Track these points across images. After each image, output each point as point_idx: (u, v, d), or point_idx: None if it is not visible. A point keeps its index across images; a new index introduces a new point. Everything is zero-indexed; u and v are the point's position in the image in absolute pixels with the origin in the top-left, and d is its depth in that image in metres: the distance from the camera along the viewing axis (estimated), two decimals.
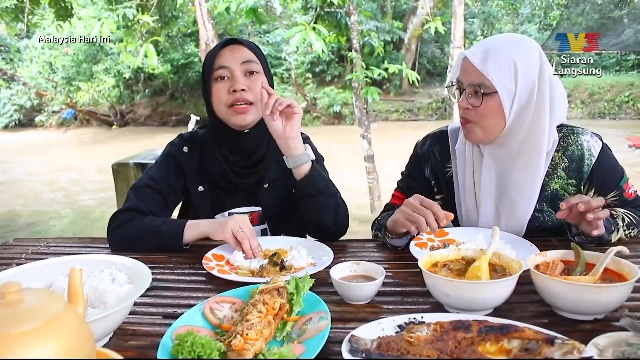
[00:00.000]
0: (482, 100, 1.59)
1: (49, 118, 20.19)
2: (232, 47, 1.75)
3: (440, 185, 1.83)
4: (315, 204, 1.67)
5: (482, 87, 1.58)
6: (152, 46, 7.23)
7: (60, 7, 10.26)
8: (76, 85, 18.24)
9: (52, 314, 0.74)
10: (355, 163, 8.77)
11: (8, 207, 8.44)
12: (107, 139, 17.39)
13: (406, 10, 19.84)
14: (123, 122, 20.52)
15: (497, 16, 20.69)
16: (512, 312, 1.18)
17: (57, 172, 11.82)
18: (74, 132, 19.64)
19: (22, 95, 19.65)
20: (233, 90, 1.70)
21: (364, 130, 8.29)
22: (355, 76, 8.07)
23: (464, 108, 1.64)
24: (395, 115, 19.00)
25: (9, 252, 1.75)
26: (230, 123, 1.75)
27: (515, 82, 1.58)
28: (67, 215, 7.05)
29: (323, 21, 8.15)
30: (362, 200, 7.16)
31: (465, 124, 1.67)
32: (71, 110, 19.94)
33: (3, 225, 6.59)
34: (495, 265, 1.25)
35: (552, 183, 1.69)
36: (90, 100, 18.87)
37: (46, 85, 18.74)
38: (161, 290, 1.38)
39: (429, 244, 1.58)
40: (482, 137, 1.66)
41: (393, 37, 18.32)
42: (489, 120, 1.62)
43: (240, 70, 1.72)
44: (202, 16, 8.27)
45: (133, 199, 1.75)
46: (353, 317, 1.19)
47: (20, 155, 14.84)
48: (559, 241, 1.59)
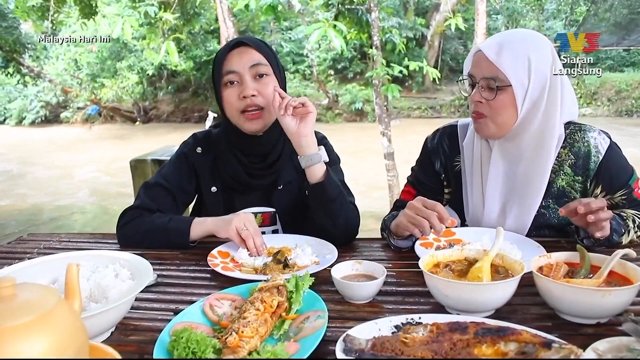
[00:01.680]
0: (495, 94, 1.58)
1: (74, 114, 20.51)
2: (240, 50, 1.71)
3: (449, 179, 1.83)
4: (326, 211, 1.64)
5: (496, 80, 1.57)
6: (174, 43, 7.31)
7: (85, 5, 10.43)
8: (100, 82, 18.50)
9: (45, 309, 0.75)
10: (376, 160, 8.73)
11: (33, 202, 8.61)
12: (131, 135, 17.59)
13: (429, 6, 19.69)
14: (146, 118, 20.74)
15: (522, 12, 20.39)
16: (514, 314, 1.17)
17: (81, 167, 12.01)
18: (98, 128, 19.91)
19: (48, 92, 20.01)
20: (243, 96, 1.68)
21: (384, 128, 8.25)
22: (375, 73, 8.04)
23: (476, 102, 1.63)
24: (417, 112, 18.87)
25: (23, 246, 1.79)
26: (242, 129, 1.73)
27: (529, 76, 1.57)
28: (89, 210, 7.17)
29: (344, 18, 8.13)
30: (382, 198, 7.13)
31: (478, 118, 1.65)
32: (95, 107, 20.24)
33: (27, 220, 6.75)
34: (498, 266, 1.24)
35: (559, 180, 1.67)
36: (114, 97, 19.12)
37: (71, 82, 19.05)
38: (165, 287, 1.39)
39: (435, 244, 1.57)
40: (493, 132, 1.65)
41: (416, 34, 18.19)
42: (502, 114, 1.61)
43: (250, 75, 1.68)
44: (222, 13, 8.31)
45: (143, 197, 1.77)
46: (352, 316, 1.19)
47: (46, 150, 15.11)
48: (569, 242, 1.57)
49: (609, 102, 17.27)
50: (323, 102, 19.29)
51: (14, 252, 1.73)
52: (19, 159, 13.73)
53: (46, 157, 13.70)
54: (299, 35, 19.14)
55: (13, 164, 13.04)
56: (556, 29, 20.20)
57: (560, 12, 21.29)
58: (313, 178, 1.63)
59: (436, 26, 18.10)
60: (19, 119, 20.87)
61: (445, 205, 1.85)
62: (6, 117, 21.25)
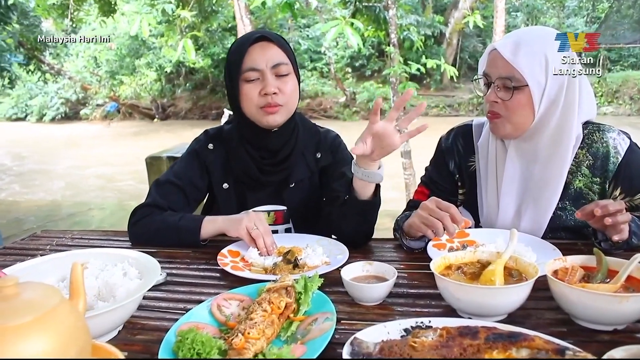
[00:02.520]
0: (512, 94, 1.55)
1: (93, 111, 20.78)
2: (262, 45, 1.66)
3: (464, 179, 1.80)
4: (357, 222, 1.59)
5: (512, 80, 1.54)
6: (191, 41, 7.34)
7: (104, 3, 10.54)
8: (119, 79, 18.70)
9: (47, 308, 0.75)
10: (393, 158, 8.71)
11: (52, 197, 8.72)
12: (149, 132, 17.76)
13: (447, 4, 19.54)
14: (164, 115, 20.91)
15: (542, 9, 20.13)
16: (528, 318, 1.14)
17: (99, 163, 12.14)
18: (117, 124, 20.14)
19: (68, 89, 20.28)
20: (265, 93, 1.65)
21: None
22: (392, 71, 8.00)
23: (491, 102, 1.60)
24: (435, 110, 18.75)
25: (36, 243, 1.80)
26: (260, 123, 1.70)
27: (546, 75, 1.53)
28: (107, 206, 7.24)
29: (361, 15, 8.10)
30: (398, 196, 7.09)
31: (493, 119, 1.62)
32: (114, 104, 20.47)
33: (46, 215, 6.83)
34: (512, 269, 1.21)
35: (576, 181, 1.63)
36: (133, 94, 19.31)
37: (91, 79, 19.28)
38: (175, 285, 1.39)
39: (448, 245, 1.54)
40: (509, 132, 1.62)
41: (434, 32, 18.07)
42: (518, 114, 1.57)
43: (272, 72, 1.65)
44: (239, 10, 8.32)
45: (154, 195, 1.76)
46: (362, 318, 1.17)
47: (65, 147, 15.32)
48: (586, 245, 1.53)
49: (631, 100, 16.96)
50: (340, 100, 19.27)
51: (27, 248, 1.73)
52: (39, 155, 13.93)
53: (65, 154, 13.88)
54: (316, 32, 19.12)
55: (33, 160, 13.24)
56: (577, 26, 19.91)
57: (582, 9, 20.99)
58: (362, 194, 1.55)
59: (454, 24, 17.97)
60: (39, 116, 21.21)
61: (460, 205, 1.82)
62: (27, 113, 21.61)
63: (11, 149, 14.89)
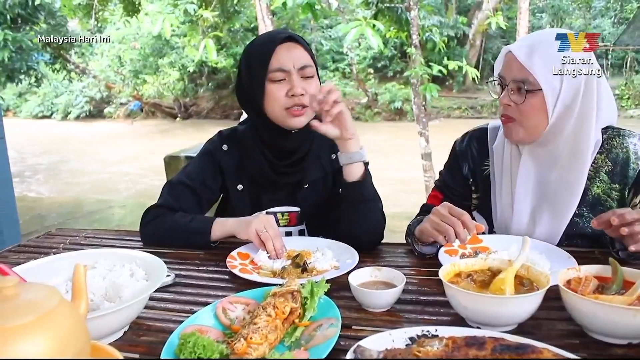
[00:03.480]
0: (525, 98, 1.52)
1: (116, 109, 21.07)
2: (289, 45, 1.66)
3: (478, 183, 1.76)
4: (357, 213, 1.60)
5: (526, 83, 1.51)
6: (213, 41, 7.38)
7: (129, 3, 10.67)
8: (142, 78, 18.91)
9: (46, 309, 0.75)
10: (414, 160, 8.64)
11: (74, 195, 8.85)
12: (171, 131, 17.92)
13: (471, 4, 19.35)
14: (186, 114, 21.08)
15: (567, 10, 19.81)
16: (539, 329, 1.11)
17: (121, 162, 12.29)
18: (139, 123, 20.36)
19: (92, 88, 20.60)
20: (292, 94, 1.64)
21: (421, 128, 8.14)
22: (413, 72, 7.94)
23: (505, 105, 1.57)
24: (457, 112, 18.58)
25: (50, 241, 1.81)
26: (284, 124, 1.69)
27: (561, 79, 1.49)
28: (127, 204, 7.32)
29: (383, 16, 8.06)
30: (418, 199, 7.04)
31: (507, 122, 1.59)
32: (137, 103, 20.71)
33: (68, 212, 6.93)
34: (523, 278, 1.18)
35: (594, 187, 1.59)
36: (156, 93, 19.52)
37: (115, 78, 19.54)
38: (182, 287, 1.38)
39: (460, 251, 1.51)
40: (522, 136, 1.58)
41: (457, 33, 17.91)
42: (531, 118, 1.54)
43: (298, 74, 1.64)
44: (261, 11, 8.32)
45: (166, 196, 1.77)
46: (369, 324, 1.15)
47: (89, 144, 15.54)
48: (603, 254, 1.48)
49: None
50: (362, 101, 19.22)
51: (41, 246, 1.75)
52: (64, 152, 14.16)
53: (89, 151, 14.08)
54: (339, 33, 19.08)
55: (58, 157, 13.46)
56: (604, 27, 19.57)
57: (609, 10, 20.60)
58: (350, 176, 1.59)
59: (478, 25, 17.79)
60: (64, 114, 21.58)
61: (474, 210, 1.79)
62: (53, 111, 21.99)
63: (37, 146, 15.16)
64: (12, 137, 16.03)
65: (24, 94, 22.21)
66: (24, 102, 22.73)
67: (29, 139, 16.57)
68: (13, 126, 19.23)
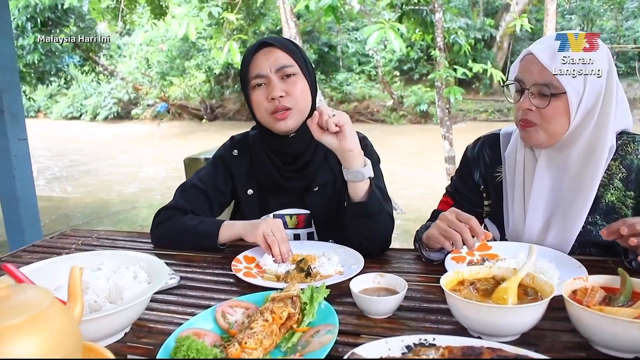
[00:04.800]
0: (549, 101, 1.47)
1: (144, 111, 21.39)
2: (265, 51, 1.67)
3: (489, 190, 1.73)
4: (363, 228, 1.59)
5: (550, 87, 1.46)
6: (238, 43, 7.45)
7: (156, 6, 10.82)
8: (169, 80, 19.15)
9: (36, 310, 0.76)
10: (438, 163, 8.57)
11: (99, 195, 9.01)
12: (197, 132, 18.11)
13: (499, 7, 19.12)
14: (212, 116, 21.28)
15: (598, 11, 19.39)
16: (542, 340, 1.08)
17: (147, 162, 12.47)
18: (166, 124, 20.65)
19: (120, 89, 20.97)
20: (271, 97, 1.64)
21: (445, 131, 8.07)
22: (438, 75, 7.88)
23: (525, 110, 1.52)
24: (484, 115, 18.37)
25: (63, 241, 1.85)
26: (273, 129, 1.70)
27: (584, 83, 1.46)
28: (151, 205, 7.40)
29: (408, 19, 8.02)
30: None
31: (526, 127, 1.54)
32: (164, 104, 21.00)
33: (93, 212, 7.05)
34: (528, 287, 1.15)
35: (608, 194, 1.55)
36: (182, 95, 19.75)
37: (142, 80, 19.84)
38: (187, 289, 1.39)
39: (468, 258, 1.48)
40: (543, 141, 1.54)
41: (484, 35, 17.71)
42: (554, 122, 1.50)
43: (277, 76, 1.65)
44: (285, 14, 8.38)
45: (178, 198, 1.79)
46: (369, 331, 1.14)
47: (116, 145, 15.81)
48: (616, 263, 1.43)
49: None
50: (388, 104, 19.15)
51: (54, 246, 1.79)
52: (92, 153, 14.45)
53: (116, 152, 14.32)
54: (365, 35, 19.06)
55: (86, 158, 13.73)
56: (637, 29, 19.09)
57: None
58: (355, 195, 1.57)
59: (505, 27, 17.56)
60: (93, 115, 22.03)
61: (485, 217, 1.76)
62: (82, 112, 22.47)
63: (65, 147, 15.49)
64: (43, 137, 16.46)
65: (54, 95, 22.74)
66: (55, 104, 23.28)
67: (59, 140, 16.94)
68: (44, 127, 19.73)
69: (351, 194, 1.58)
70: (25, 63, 10.43)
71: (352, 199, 1.58)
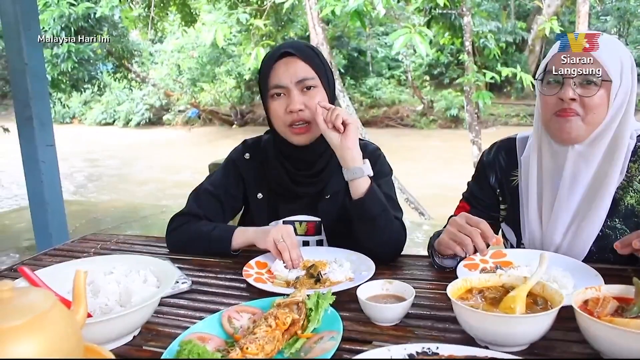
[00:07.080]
0: (597, 89, 1.43)
1: (175, 117, 21.73)
2: (286, 61, 1.64)
3: (505, 194, 1.70)
4: (367, 228, 1.59)
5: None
6: (265, 49, 7.50)
7: (186, 14, 10.99)
8: (200, 86, 19.39)
9: (38, 312, 0.78)
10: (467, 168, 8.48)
11: (129, 200, 9.16)
12: (227, 138, 18.27)
13: (530, 9, 18.82)
14: (243, 121, 21.46)
15: (635, 12, 18.91)
16: (552, 351, 1.05)
17: (178, 167, 12.64)
18: (197, 130, 20.91)
19: (152, 96, 21.33)
20: (290, 110, 1.64)
21: (474, 136, 7.97)
22: (466, 79, 7.80)
23: (569, 100, 1.45)
24: (515, 119, 18.08)
25: (83, 245, 1.88)
26: (289, 141, 1.71)
27: (620, 75, 1.44)
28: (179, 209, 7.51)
29: (437, 23, 7.97)
30: None
31: (568, 116, 1.46)
32: (195, 110, 21.27)
33: (123, 216, 7.19)
34: (538, 296, 1.12)
35: (627, 197, 1.50)
36: (213, 101, 19.97)
37: (173, 86, 20.14)
38: (198, 294, 1.40)
39: (481, 266, 1.45)
40: (581, 132, 1.48)
41: (515, 38, 17.46)
42: (596, 112, 1.45)
43: (297, 88, 1.64)
44: (312, 19, 8.39)
45: (191, 203, 1.80)
46: (375, 339, 1.13)
47: (148, 150, 16.09)
48: (636, 272, 1.39)
49: None
50: (417, 108, 19.02)
51: (73, 250, 1.83)
52: (124, 158, 14.73)
53: (147, 157, 14.57)
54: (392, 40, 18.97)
55: (119, 163, 14.00)
56: None
57: None
58: (355, 193, 1.59)
59: (537, 30, 17.27)
60: (126, 121, 22.46)
61: (502, 222, 1.73)
62: (115, 119, 22.93)
63: (98, 153, 15.83)
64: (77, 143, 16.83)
65: (88, 102, 23.25)
66: (89, 110, 23.81)
67: (92, 145, 17.32)
68: (78, 133, 20.22)
69: (352, 192, 1.60)
70: (60, 71, 10.71)
71: (352, 196, 1.59)
